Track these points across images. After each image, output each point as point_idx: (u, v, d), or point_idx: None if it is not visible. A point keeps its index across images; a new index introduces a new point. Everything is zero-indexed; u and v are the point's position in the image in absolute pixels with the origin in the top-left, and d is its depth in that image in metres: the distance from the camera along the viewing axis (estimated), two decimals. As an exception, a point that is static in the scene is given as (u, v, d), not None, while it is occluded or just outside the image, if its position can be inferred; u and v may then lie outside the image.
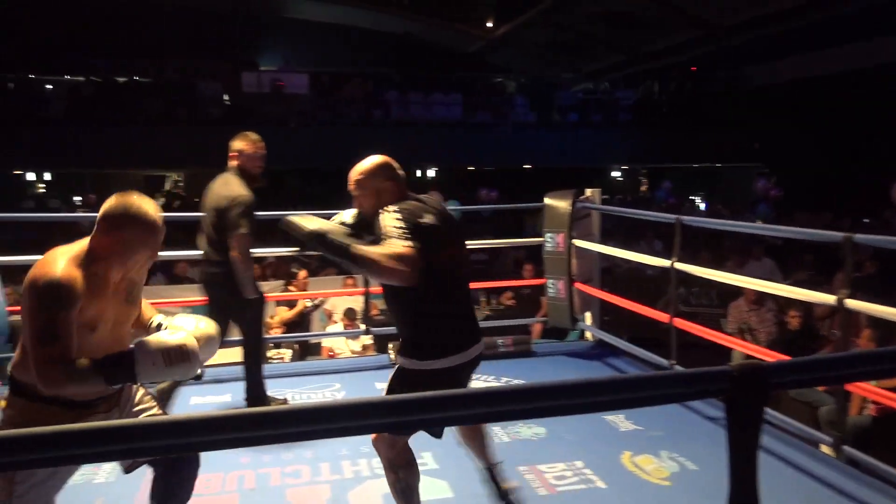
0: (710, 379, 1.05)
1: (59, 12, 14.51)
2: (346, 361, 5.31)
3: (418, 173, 19.26)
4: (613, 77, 18.42)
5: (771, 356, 3.52)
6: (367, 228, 2.38)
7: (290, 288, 7.22)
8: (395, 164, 2.44)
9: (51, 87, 14.25)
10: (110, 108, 12.75)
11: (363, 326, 5.65)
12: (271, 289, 7.98)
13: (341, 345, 6.17)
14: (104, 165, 15.06)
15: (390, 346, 4.92)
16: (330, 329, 6.92)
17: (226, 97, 13.91)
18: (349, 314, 6.62)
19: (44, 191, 18.32)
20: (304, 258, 9.23)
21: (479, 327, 2.47)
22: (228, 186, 3.62)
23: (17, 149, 12.41)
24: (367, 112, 14.05)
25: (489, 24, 17.23)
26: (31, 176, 17.90)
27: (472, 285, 7.58)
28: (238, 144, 3.76)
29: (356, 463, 3.16)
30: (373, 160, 2.42)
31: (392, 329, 5.86)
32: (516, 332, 5.46)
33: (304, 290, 7.02)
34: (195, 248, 3.93)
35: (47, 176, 18.16)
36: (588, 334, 5.20)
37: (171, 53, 14.87)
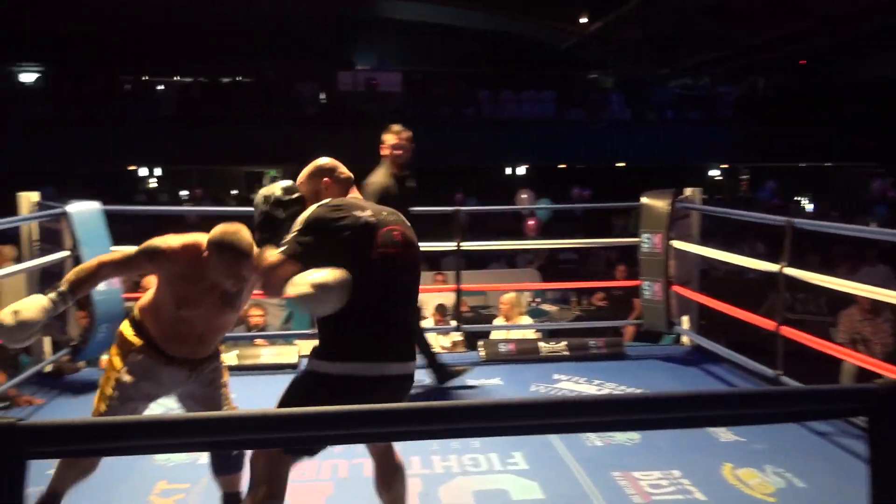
0: (850, 397, 0.96)
1: (170, 19, 15.38)
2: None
3: (508, 171, 19.19)
4: (714, 72, 17.69)
5: (888, 370, 3.27)
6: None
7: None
8: (338, 166, 2.32)
9: (162, 87, 15.11)
10: (215, 107, 13.39)
11: (453, 323, 5.67)
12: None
13: (431, 340, 6.20)
14: (209, 162, 15.86)
15: (480, 343, 4.91)
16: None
17: (322, 96, 14.30)
18: (440, 310, 6.65)
19: (155, 186, 19.48)
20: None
21: (411, 346, 2.16)
22: (371, 175, 3.88)
23: (132, 146, 13.24)
24: (458, 110, 14.11)
25: (583, 20, 16.91)
26: (143, 171, 19.06)
27: (562, 284, 7.42)
28: (384, 136, 4.00)
29: (446, 458, 3.17)
30: (314, 162, 2.31)
31: (484, 326, 5.87)
32: (608, 334, 5.34)
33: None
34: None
35: (158, 171, 19.29)
36: (684, 339, 5.01)
37: (272, 55, 15.45)
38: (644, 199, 4.94)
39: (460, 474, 3.03)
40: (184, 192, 18.95)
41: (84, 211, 4.19)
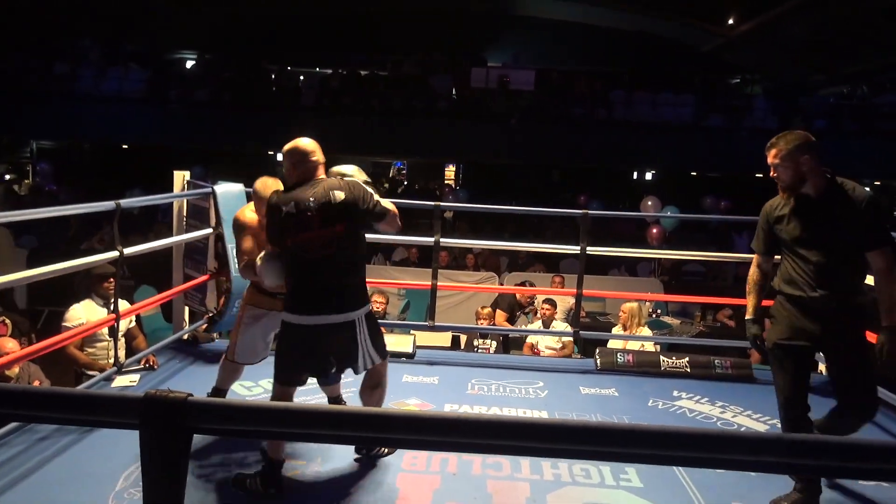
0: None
1: (316, 13, 16.10)
2: (550, 360, 5.28)
3: (635, 175, 18.61)
4: (876, 81, 16.26)
5: None
6: None
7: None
8: (305, 149, 2.82)
9: (303, 77, 15.85)
10: (353, 99, 13.88)
11: (566, 326, 5.59)
12: (481, 280, 8.21)
13: (551, 342, 6.13)
14: (342, 150, 16.44)
15: (597, 351, 4.81)
16: (534, 326, 6.93)
17: (454, 91, 14.46)
18: (550, 302, 6.58)
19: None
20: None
21: (343, 300, 2.74)
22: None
23: (273, 131, 13.98)
24: (591, 110, 13.82)
25: (731, 21, 16.05)
26: (279, 157, 20.09)
27: (690, 298, 7.07)
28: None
29: (556, 466, 3.12)
30: (293, 142, 2.86)
31: (600, 334, 5.73)
32: (734, 355, 5.06)
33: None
34: (420, 234, 4.12)
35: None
36: (822, 367, 4.66)
37: (410, 49, 15.80)
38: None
39: (570, 484, 2.98)
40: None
41: (229, 192, 4.46)
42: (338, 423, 0.77)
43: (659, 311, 7.83)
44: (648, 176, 17.96)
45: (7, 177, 17.61)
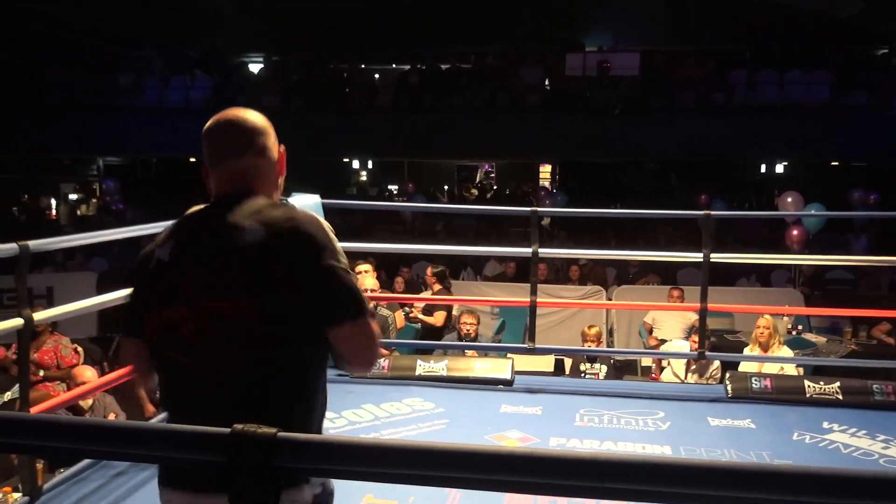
0: None
1: (388, 5, 16.43)
2: (673, 387, 5.10)
3: (763, 168, 17.88)
4: None
5: None
6: None
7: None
8: (229, 125, 1.71)
9: (379, 76, 16.17)
10: (433, 96, 14.03)
11: (682, 347, 5.39)
12: (585, 295, 8.08)
13: (678, 368, 5.93)
14: (422, 154, 16.66)
15: (728, 375, 4.61)
16: (653, 347, 6.76)
17: (546, 82, 14.36)
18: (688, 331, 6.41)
19: (365, 178, 20.94)
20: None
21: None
22: None
23: (348, 136, 14.33)
24: (706, 95, 13.39)
25: (874, -19, 15.21)
26: (355, 163, 20.59)
27: (840, 311, 6.71)
28: None
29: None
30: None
31: (733, 356, 5.49)
32: (894, 377, 4.74)
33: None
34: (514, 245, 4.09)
35: (369, 164, 20.72)
36: None
37: (493, 38, 15.82)
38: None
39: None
40: (393, 187, 20.17)
41: (306, 203, 4.57)
42: (451, 463, 0.75)
43: (800, 327, 7.45)
44: (779, 168, 17.21)
45: (72, 196, 18.86)
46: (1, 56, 14.58)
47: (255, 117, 1.70)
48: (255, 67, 16.50)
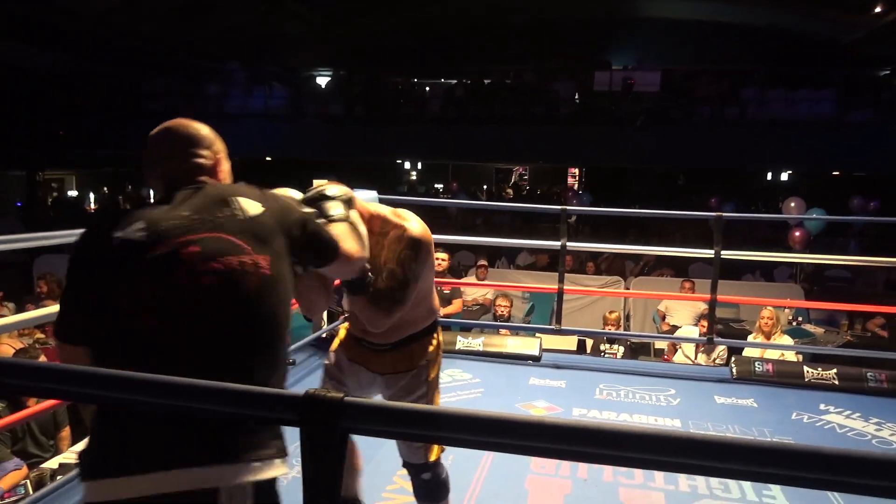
0: None
1: (435, 25, 16.42)
2: (683, 368, 5.01)
3: (769, 176, 17.43)
4: None
5: None
6: None
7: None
8: (172, 136, 1.48)
9: (429, 88, 16.16)
10: (477, 107, 13.98)
11: (692, 332, 5.29)
12: (606, 284, 7.98)
13: (689, 350, 5.82)
14: (465, 158, 16.63)
15: (733, 359, 4.51)
16: (665, 331, 6.65)
17: (576, 96, 14.20)
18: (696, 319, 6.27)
19: (414, 178, 21.04)
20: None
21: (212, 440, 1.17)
22: None
23: (401, 141, 14.38)
24: (720, 110, 13.07)
25: (877, 10, 14.64)
26: (406, 165, 20.66)
27: (837, 305, 6.52)
28: None
29: (693, 477, 2.94)
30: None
31: (738, 342, 5.38)
32: (886, 368, 4.57)
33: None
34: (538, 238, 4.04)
35: (418, 165, 20.77)
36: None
37: (530, 57, 15.71)
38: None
39: (707, 497, 2.80)
40: (438, 185, 20.18)
41: (366, 198, 4.58)
42: (501, 430, 0.74)
43: (800, 318, 7.25)
44: (784, 177, 16.75)
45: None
46: (109, 69, 14.97)
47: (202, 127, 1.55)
48: (322, 80, 16.61)
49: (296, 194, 1.84)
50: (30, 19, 12.67)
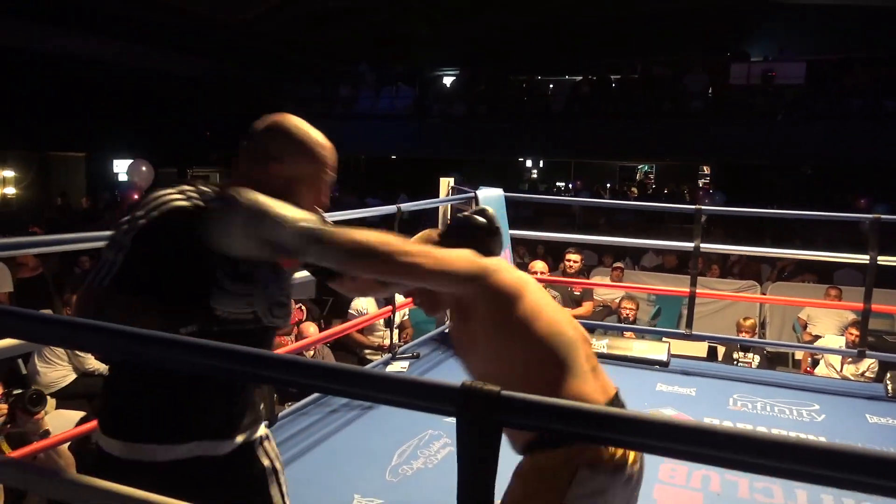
0: None
1: (560, 20, 16.16)
2: (830, 382, 4.64)
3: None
4: None
5: None
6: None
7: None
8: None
9: (553, 86, 15.98)
10: (603, 103, 13.66)
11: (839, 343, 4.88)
12: (740, 288, 7.55)
13: (834, 362, 5.39)
14: (589, 155, 16.30)
15: (889, 374, 4.12)
16: (808, 342, 6.19)
17: (710, 90, 13.52)
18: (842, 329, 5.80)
19: (535, 176, 20.90)
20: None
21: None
22: None
23: (523, 139, 14.32)
24: (874, 102, 11.96)
25: None
26: (528, 163, 20.57)
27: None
28: None
29: (840, 501, 2.72)
30: None
31: (891, 356, 4.91)
32: None
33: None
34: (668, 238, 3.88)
35: (540, 163, 20.62)
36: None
37: (659, 51, 15.12)
38: None
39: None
40: (560, 183, 19.90)
41: (491, 196, 4.62)
42: (634, 430, 0.72)
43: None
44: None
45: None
46: (251, 74, 16.02)
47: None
48: (447, 80, 16.89)
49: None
50: (180, 29, 13.85)
